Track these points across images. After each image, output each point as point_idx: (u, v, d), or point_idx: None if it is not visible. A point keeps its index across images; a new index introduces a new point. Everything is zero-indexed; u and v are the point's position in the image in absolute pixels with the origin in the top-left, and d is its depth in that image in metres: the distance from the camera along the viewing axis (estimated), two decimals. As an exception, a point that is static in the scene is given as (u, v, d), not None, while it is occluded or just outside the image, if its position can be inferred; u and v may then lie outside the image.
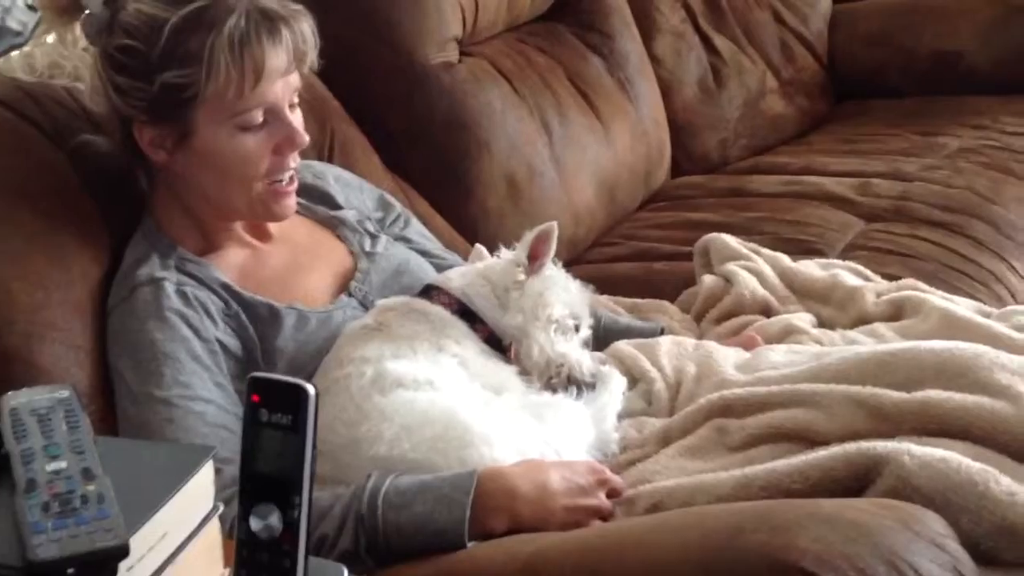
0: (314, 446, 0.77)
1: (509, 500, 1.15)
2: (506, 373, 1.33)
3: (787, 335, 1.54)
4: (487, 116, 1.94)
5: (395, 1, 1.85)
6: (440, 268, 1.54)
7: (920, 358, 1.22)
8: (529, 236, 1.37)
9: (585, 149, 2.11)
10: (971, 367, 1.18)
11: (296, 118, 1.32)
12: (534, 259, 1.37)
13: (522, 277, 1.37)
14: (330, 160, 1.70)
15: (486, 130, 1.93)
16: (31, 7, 1.31)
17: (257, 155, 1.29)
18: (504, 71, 2.04)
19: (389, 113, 1.87)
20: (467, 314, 1.36)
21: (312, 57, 1.32)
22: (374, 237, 1.49)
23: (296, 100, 1.33)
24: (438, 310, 1.35)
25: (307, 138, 1.32)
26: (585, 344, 1.41)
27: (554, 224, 1.38)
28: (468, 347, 1.33)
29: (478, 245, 1.51)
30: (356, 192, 1.57)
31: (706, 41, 2.59)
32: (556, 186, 2.02)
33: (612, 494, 1.20)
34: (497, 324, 1.36)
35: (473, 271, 1.41)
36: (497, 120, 1.95)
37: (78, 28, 1.32)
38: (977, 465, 1.07)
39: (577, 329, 1.40)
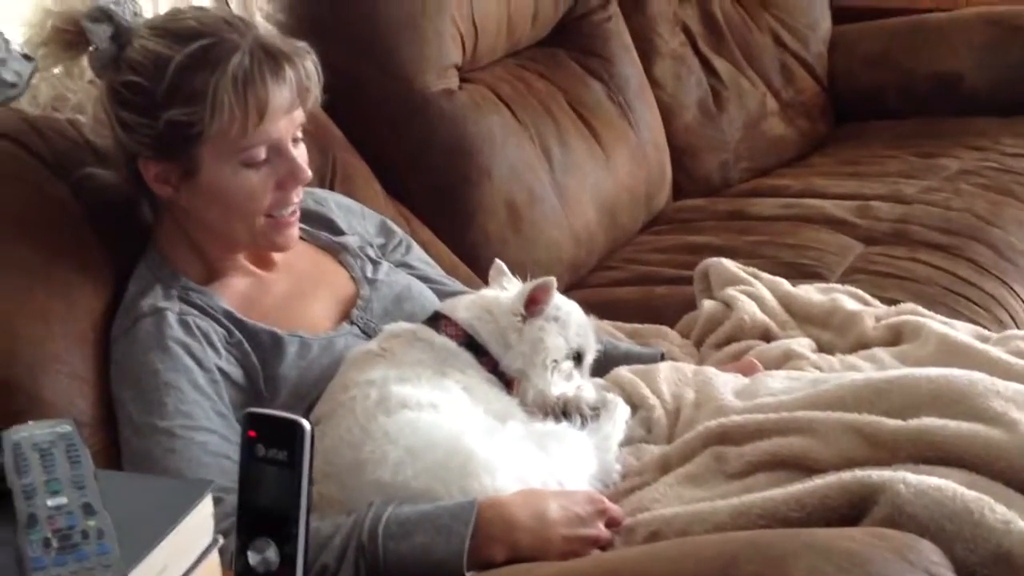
0: (310, 481, 0.78)
1: (508, 530, 1.16)
2: (510, 401, 1.34)
3: (786, 360, 1.55)
4: (487, 142, 1.95)
5: (395, 30, 1.87)
6: (441, 294, 1.55)
7: (916, 386, 1.22)
8: (527, 287, 1.37)
9: (586, 174, 2.12)
10: (967, 394, 1.19)
11: (300, 153, 1.33)
12: (533, 304, 1.37)
13: (520, 325, 1.37)
14: (332, 187, 1.71)
15: (486, 156, 1.94)
16: (27, 56, 1.32)
17: (261, 191, 1.30)
18: (504, 97, 2.05)
19: (390, 141, 1.88)
20: (473, 346, 1.36)
21: (316, 93, 1.34)
22: (376, 263, 1.50)
23: (300, 135, 1.34)
24: (444, 340, 1.36)
25: (310, 174, 1.34)
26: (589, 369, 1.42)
27: (553, 280, 1.38)
28: (472, 376, 1.34)
29: (498, 261, 1.51)
30: (358, 218, 1.58)
31: (706, 64, 2.60)
32: (557, 211, 2.04)
33: (611, 524, 1.20)
34: (501, 359, 1.37)
35: (479, 304, 1.40)
36: (497, 146, 1.96)
37: (84, 60, 1.34)
38: (972, 493, 1.07)
39: (580, 360, 1.40)
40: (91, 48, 1.31)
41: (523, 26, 2.16)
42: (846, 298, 1.70)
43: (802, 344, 1.60)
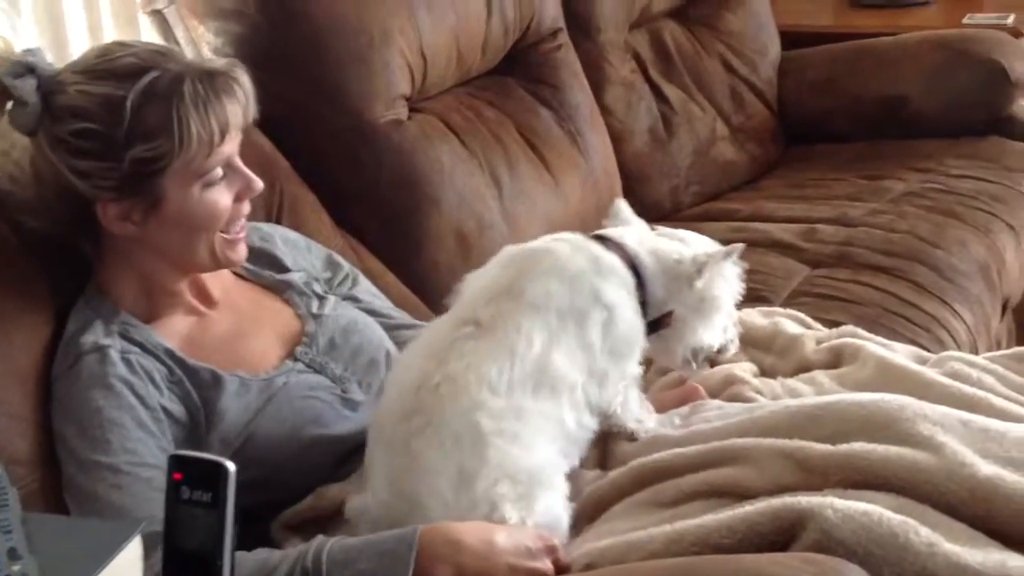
0: (234, 522, 0.79)
1: (454, 552, 1.16)
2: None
3: (729, 385, 1.57)
4: (436, 172, 1.96)
5: (343, 62, 1.88)
6: (389, 327, 1.56)
7: (847, 411, 1.25)
8: (721, 252, 1.39)
9: (536, 201, 2.14)
10: (895, 419, 1.21)
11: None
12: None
13: (695, 278, 1.37)
14: (279, 220, 1.72)
15: (435, 186, 1.95)
16: None
17: (223, 207, 1.32)
18: (453, 127, 2.07)
19: (338, 172, 1.89)
20: (634, 274, 1.37)
21: (254, 106, 1.35)
22: (322, 299, 1.51)
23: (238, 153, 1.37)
24: (612, 257, 1.35)
25: (261, 183, 1.36)
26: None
27: (742, 247, 1.42)
28: (625, 301, 1.33)
29: (618, 200, 1.51)
30: (304, 253, 1.59)
31: (656, 91, 2.63)
32: (507, 239, 2.04)
33: (557, 564, 1.20)
34: (653, 299, 1.37)
35: (644, 247, 1.39)
36: (446, 176, 1.98)
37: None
38: (898, 517, 1.10)
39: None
40: (9, 105, 1.28)
41: (473, 56, 2.18)
42: (788, 322, 1.73)
43: (744, 368, 1.62)
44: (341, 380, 1.43)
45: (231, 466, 0.79)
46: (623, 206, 1.49)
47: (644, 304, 1.36)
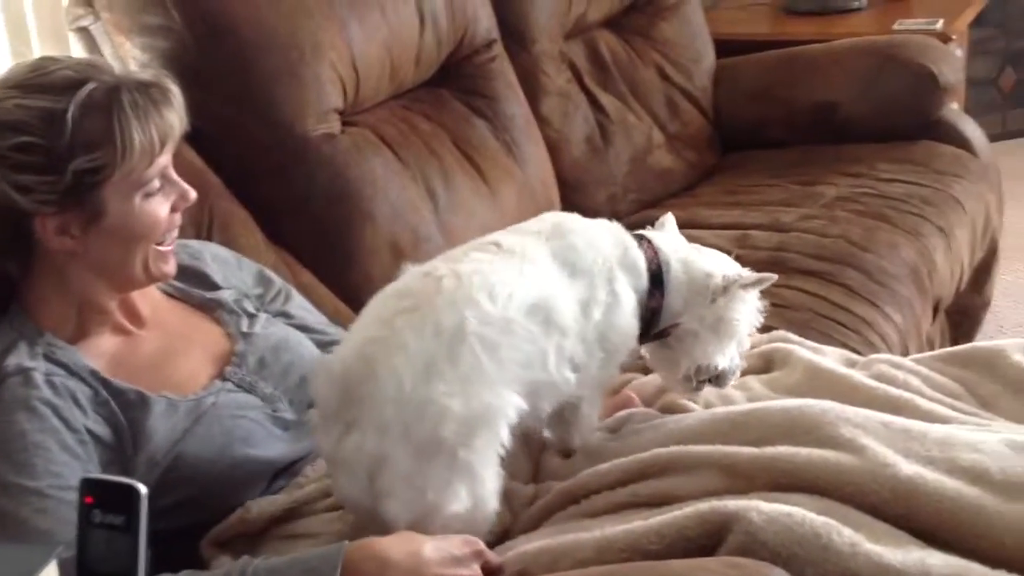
0: (147, 544, 0.79)
1: (380, 569, 1.16)
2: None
3: (663, 393, 1.58)
4: (369, 185, 1.96)
5: (272, 76, 1.87)
6: (320, 343, 1.56)
7: (771, 417, 1.27)
8: (752, 278, 1.40)
9: (471, 212, 2.15)
10: (818, 423, 1.23)
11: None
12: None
13: (719, 296, 1.38)
14: (209, 236, 1.71)
15: (368, 199, 1.95)
16: None
17: (162, 218, 1.33)
18: (387, 139, 2.07)
19: (270, 187, 1.89)
20: (655, 280, 1.37)
21: (186, 117, 1.35)
22: (252, 317, 1.50)
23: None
24: (639, 255, 1.36)
25: (195, 193, 1.37)
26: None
27: (774, 277, 1.42)
28: (630, 300, 1.33)
29: (668, 215, 1.52)
30: (234, 270, 1.58)
31: (592, 100, 2.65)
32: (443, 250, 2.01)
33: (487, 568, 1.21)
34: (670, 308, 1.37)
35: (677, 255, 1.39)
36: (380, 188, 1.98)
37: None
38: (820, 519, 1.11)
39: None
40: None
41: (406, 68, 2.18)
42: (721, 328, 1.75)
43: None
44: (271, 399, 1.42)
45: (143, 489, 0.78)
46: (670, 220, 1.50)
47: (658, 310, 1.37)
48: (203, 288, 1.51)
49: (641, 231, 1.42)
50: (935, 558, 1.09)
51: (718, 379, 1.44)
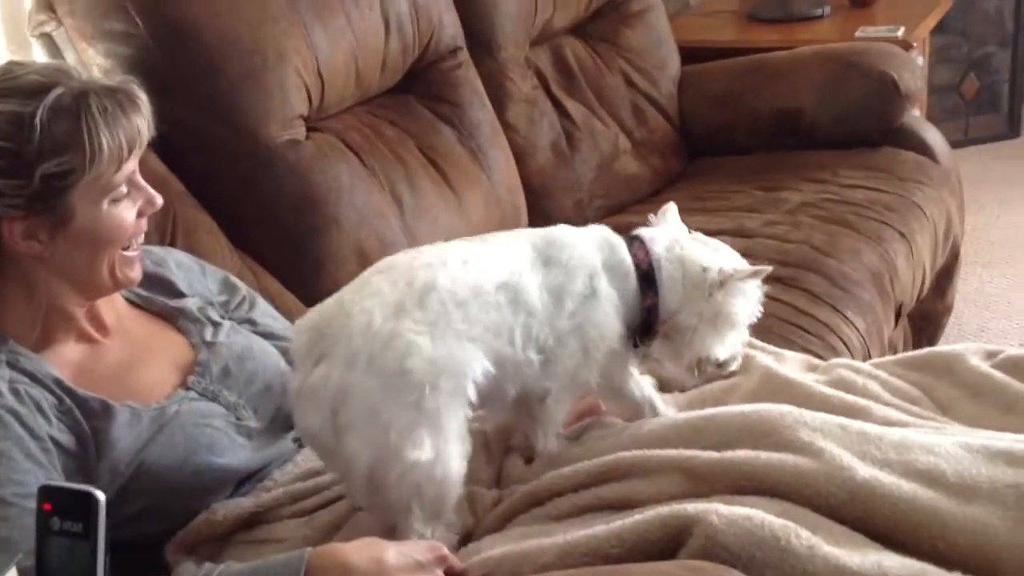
0: (105, 551, 0.79)
1: (343, 574, 1.16)
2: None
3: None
4: (334, 191, 1.96)
5: (236, 83, 1.87)
6: (285, 350, 1.55)
7: (731, 421, 1.28)
8: (748, 270, 1.41)
9: (437, 218, 2.15)
10: (776, 426, 1.25)
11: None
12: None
13: (715, 290, 1.39)
14: (173, 244, 1.71)
15: (334, 205, 1.95)
16: None
17: (129, 223, 1.33)
18: (353, 146, 2.07)
19: (235, 193, 1.88)
20: (648, 279, 1.38)
21: (153, 122, 1.36)
22: (216, 325, 1.50)
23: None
24: (625, 258, 1.37)
25: (161, 198, 1.37)
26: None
27: (769, 269, 1.43)
28: (612, 299, 1.34)
29: (670, 204, 1.52)
30: (198, 276, 1.58)
31: (559, 107, 2.67)
32: None
33: (451, 573, 1.21)
34: (667, 307, 1.38)
35: (672, 253, 1.40)
36: (345, 194, 1.98)
37: None
38: (779, 521, 1.12)
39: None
40: None
41: (372, 75, 2.19)
42: (685, 333, 1.76)
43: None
44: (235, 407, 1.42)
45: (101, 496, 0.78)
46: (672, 209, 1.51)
47: (654, 309, 1.38)
48: (167, 296, 1.51)
49: (637, 231, 1.43)
50: (891, 560, 1.11)
51: (720, 367, 1.46)
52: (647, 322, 1.39)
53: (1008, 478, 1.17)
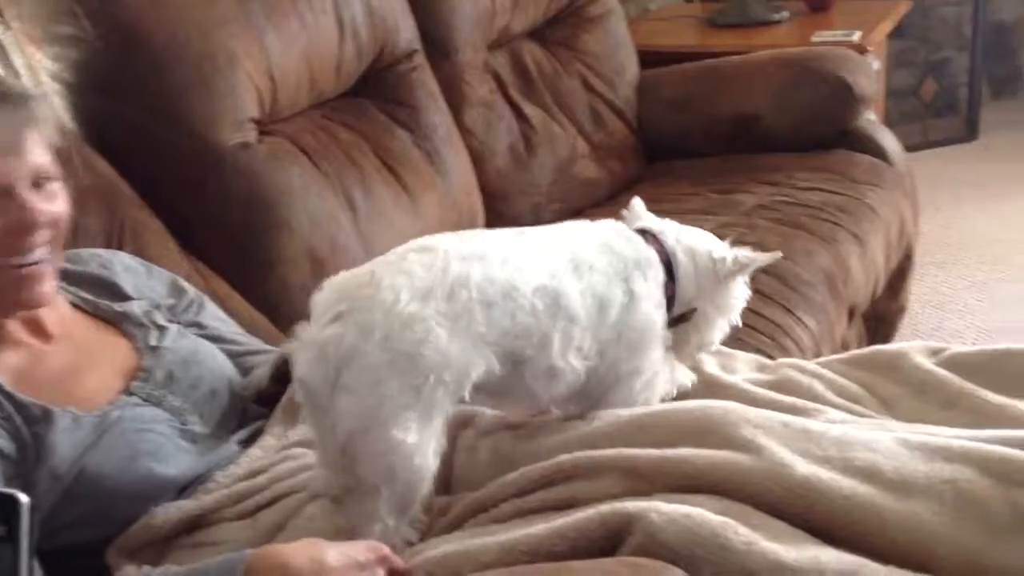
0: (29, 554, 0.78)
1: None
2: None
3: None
4: (286, 194, 1.96)
5: (186, 86, 1.87)
6: (234, 354, 1.55)
7: (675, 418, 1.28)
8: (758, 261, 1.45)
9: (392, 221, 2.15)
10: (720, 423, 1.25)
11: (41, 197, 1.31)
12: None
13: (722, 279, 1.43)
14: (120, 247, 1.69)
15: (285, 207, 1.95)
16: None
17: None
18: (306, 148, 2.07)
19: (185, 196, 1.88)
20: (667, 270, 1.40)
21: (52, 137, 1.33)
22: (161, 329, 1.49)
23: (46, 178, 1.32)
24: (651, 251, 1.39)
25: (43, 219, 1.30)
26: None
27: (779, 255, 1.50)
28: (650, 295, 1.36)
29: (635, 199, 1.54)
30: (145, 279, 1.57)
31: (516, 110, 2.67)
32: (362, 259, 2.00)
33: (393, 573, 1.20)
34: (683, 296, 1.41)
35: (681, 245, 1.43)
36: (297, 197, 1.97)
37: None
38: (718, 518, 1.13)
39: None
40: None
41: (326, 78, 2.18)
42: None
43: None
44: (180, 412, 1.41)
45: (24, 498, 0.78)
46: (639, 203, 1.53)
47: (672, 299, 1.41)
48: (112, 299, 1.50)
49: (641, 225, 1.46)
50: (828, 555, 1.12)
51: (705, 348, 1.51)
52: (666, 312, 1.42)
53: (945, 474, 1.18)
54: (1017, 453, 1.19)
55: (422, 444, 1.21)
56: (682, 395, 1.49)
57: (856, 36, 3.13)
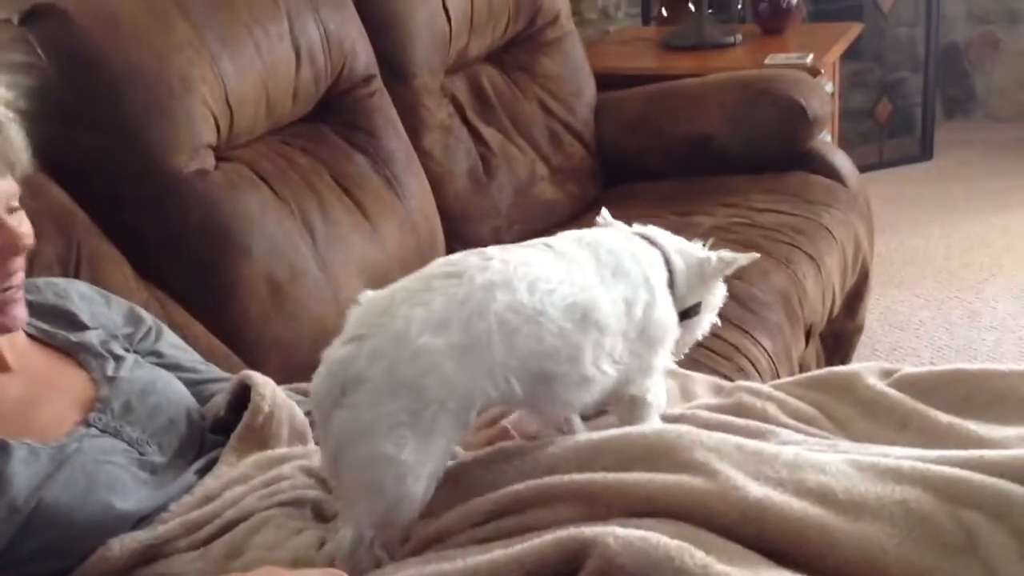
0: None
1: None
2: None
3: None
4: (244, 220, 1.95)
5: (142, 113, 1.86)
6: (192, 382, 1.54)
7: (630, 442, 1.29)
8: (739, 260, 1.50)
9: (351, 246, 2.15)
10: (674, 447, 1.26)
11: (13, 221, 1.32)
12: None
13: (707, 278, 1.49)
14: (77, 275, 1.69)
15: (244, 234, 1.94)
16: None
17: None
18: (264, 174, 2.07)
19: (142, 223, 1.87)
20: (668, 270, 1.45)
21: (22, 165, 1.33)
22: (118, 359, 1.48)
23: (15, 204, 1.33)
24: (655, 253, 1.44)
25: (27, 241, 1.33)
26: None
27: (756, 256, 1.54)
28: (664, 292, 1.41)
29: (603, 210, 1.58)
30: (102, 308, 1.56)
31: (475, 133, 2.69)
32: (322, 284, 2.05)
33: None
34: (679, 295, 1.45)
35: (672, 246, 1.48)
36: (255, 223, 1.97)
37: None
38: (674, 542, 1.13)
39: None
40: None
41: (283, 104, 2.18)
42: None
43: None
44: (138, 443, 1.41)
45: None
46: (607, 214, 1.57)
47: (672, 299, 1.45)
48: (69, 329, 1.49)
49: (635, 231, 1.50)
50: (780, 576, 1.13)
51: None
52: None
53: (896, 495, 1.20)
54: (965, 474, 1.21)
55: (416, 465, 1.22)
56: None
57: (809, 59, 3.18)
